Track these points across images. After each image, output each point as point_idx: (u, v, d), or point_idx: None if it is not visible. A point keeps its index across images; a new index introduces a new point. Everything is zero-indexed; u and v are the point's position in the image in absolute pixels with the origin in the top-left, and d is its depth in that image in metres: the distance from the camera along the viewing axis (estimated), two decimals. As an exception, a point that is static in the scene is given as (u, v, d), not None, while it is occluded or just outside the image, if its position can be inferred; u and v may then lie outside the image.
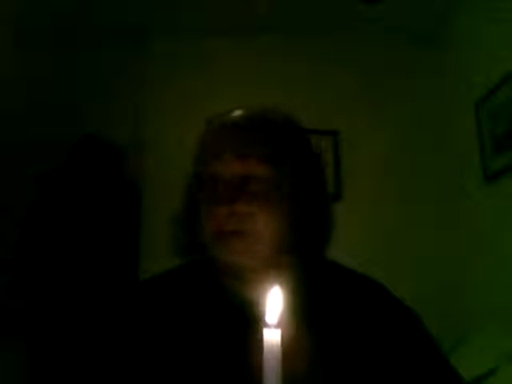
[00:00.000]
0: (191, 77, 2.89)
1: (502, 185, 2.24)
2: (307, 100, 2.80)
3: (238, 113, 0.83)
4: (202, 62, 2.92)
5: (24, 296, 2.36)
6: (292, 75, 2.90)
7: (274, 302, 0.44)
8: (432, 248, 2.69)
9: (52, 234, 2.41)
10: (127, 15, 2.79)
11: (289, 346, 0.49)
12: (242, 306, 0.76)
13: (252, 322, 0.67)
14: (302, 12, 2.76)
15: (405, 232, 2.72)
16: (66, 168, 2.55)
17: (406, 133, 2.85)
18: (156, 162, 2.76)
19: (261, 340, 0.42)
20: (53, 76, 2.87)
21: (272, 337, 0.41)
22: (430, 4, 2.66)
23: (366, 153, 2.80)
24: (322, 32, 2.92)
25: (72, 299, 2.29)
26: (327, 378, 0.72)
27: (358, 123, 2.83)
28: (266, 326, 0.42)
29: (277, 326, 0.42)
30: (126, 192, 2.63)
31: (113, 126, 2.73)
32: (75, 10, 2.68)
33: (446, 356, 0.80)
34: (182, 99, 2.85)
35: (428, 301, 2.15)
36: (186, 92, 2.86)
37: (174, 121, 2.81)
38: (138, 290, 0.88)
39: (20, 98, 2.69)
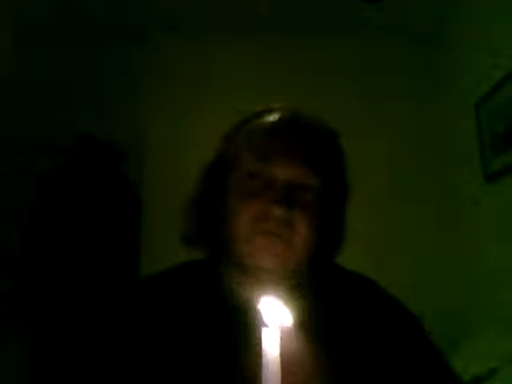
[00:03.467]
0: (191, 77, 2.89)
1: (502, 185, 2.24)
2: (307, 100, 2.79)
3: (286, 114, 0.83)
4: (201, 61, 2.92)
5: (26, 296, 2.36)
6: (292, 75, 2.90)
7: (275, 303, 0.44)
8: (432, 248, 2.69)
9: (52, 234, 2.41)
10: (127, 15, 2.79)
11: (291, 350, 0.49)
12: (242, 306, 0.76)
13: (253, 322, 0.67)
14: (302, 12, 2.76)
15: (405, 232, 2.71)
16: (67, 168, 2.55)
17: (405, 133, 2.85)
18: (156, 162, 2.76)
19: (260, 340, 0.42)
20: (53, 76, 2.86)
21: (271, 337, 0.41)
22: (430, 4, 2.66)
23: (366, 153, 2.80)
24: (322, 31, 2.92)
25: (72, 298, 2.29)
26: (329, 382, 0.72)
27: (358, 123, 2.83)
28: (265, 326, 0.42)
29: (276, 327, 0.42)
30: (126, 192, 2.63)
31: (113, 126, 2.73)
32: (75, 9, 2.69)
33: (447, 360, 0.80)
34: (181, 99, 2.85)
35: (428, 301, 2.15)
36: (185, 92, 2.86)
37: (174, 121, 2.81)
38: (138, 288, 0.88)
39: (20, 97, 2.69)
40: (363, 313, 0.79)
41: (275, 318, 0.43)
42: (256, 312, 0.44)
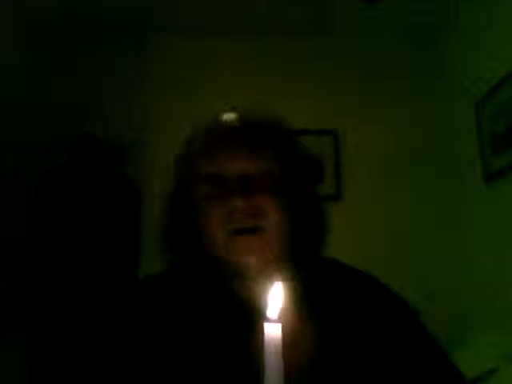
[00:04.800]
0: (191, 76, 2.89)
1: (501, 185, 2.25)
2: (307, 100, 2.80)
3: (234, 114, 0.85)
4: (201, 61, 2.92)
5: (25, 295, 2.36)
6: (292, 75, 2.90)
7: (275, 297, 0.44)
8: (432, 248, 2.69)
9: (52, 234, 2.41)
10: (127, 15, 2.79)
11: (290, 340, 0.49)
12: (242, 302, 0.76)
13: (253, 318, 0.67)
14: (302, 12, 2.76)
15: (405, 232, 2.71)
16: (67, 168, 2.55)
17: (406, 133, 2.85)
18: (156, 162, 2.76)
19: (262, 334, 0.42)
20: (53, 76, 2.87)
21: (273, 331, 0.41)
22: (430, 4, 2.66)
23: (365, 153, 2.80)
24: (322, 31, 2.92)
25: (72, 298, 2.29)
26: (328, 372, 0.72)
27: (357, 123, 2.83)
28: (267, 320, 0.42)
29: (277, 320, 0.42)
30: (126, 192, 2.63)
31: (113, 126, 2.73)
32: (75, 9, 2.69)
33: (444, 349, 0.80)
34: (181, 99, 2.85)
35: (428, 301, 2.15)
36: (185, 92, 2.86)
37: (174, 121, 2.81)
38: (139, 288, 0.88)
39: (20, 97, 2.69)
40: (359, 303, 0.80)
41: (276, 310, 0.43)
42: (258, 307, 0.44)
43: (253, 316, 0.67)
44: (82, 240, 2.41)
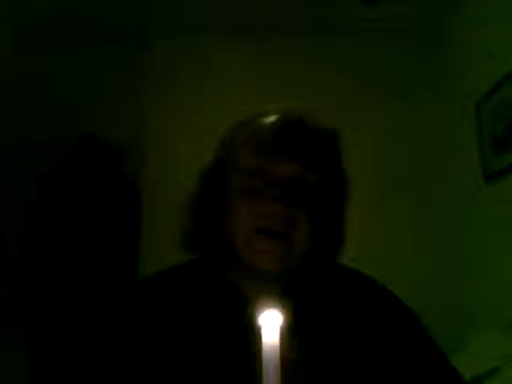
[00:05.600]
0: (191, 77, 2.89)
1: (501, 185, 2.24)
2: (307, 100, 2.80)
3: (284, 116, 0.84)
4: (201, 62, 2.92)
5: (26, 295, 2.36)
6: (292, 75, 2.90)
7: (277, 303, 0.44)
8: (432, 248, 2.69)
9: (52, 234, 2.41)
10: (127, 15, 2.79)
11: (288, 350, 0.49)
12: (244, 305, 0.76)
13: (254, 322, 0.68)
14: (302, 12, 2.76)
15: (405, 232, 2.72)
16: (67, 168, 2.55)
17: (405, 133, 2.85)
18: (156, 162, 2.76)
19: (260, 340, 0.42)
20: (53, 76, 2.87)
21: (271, 336, 0.42)
22: (430, 4, 2.66)
23: (366, 153, 2.80)
24: (322, 32, 2.92)
25: (72, 298, 2.29)
26: (325, 380, 0.72)
27: (357, 123, 2.83)
28: (266, 326, 0.42)
29: (276, 326, 0.42)
30: (126, 192, 2.63)
31: (113, 125, 2.73)
32: (75, 10, 2.69)
33: (445, 354, 0.80)
34: (181, 99, 2.85)
35: (428, 301, 2.15)
36: (185, 92, 2.86)
37: (174, 121, 2.81)
38: (139, 288, 0.88)
39: (20, 97, 2.69)
40: (362, 311, 0.80)
41: (275, 317, 0.43)
42: (257, 311, 0.44)
43: (254, 321, 0.67)
44: (82, 240, 2.41)
